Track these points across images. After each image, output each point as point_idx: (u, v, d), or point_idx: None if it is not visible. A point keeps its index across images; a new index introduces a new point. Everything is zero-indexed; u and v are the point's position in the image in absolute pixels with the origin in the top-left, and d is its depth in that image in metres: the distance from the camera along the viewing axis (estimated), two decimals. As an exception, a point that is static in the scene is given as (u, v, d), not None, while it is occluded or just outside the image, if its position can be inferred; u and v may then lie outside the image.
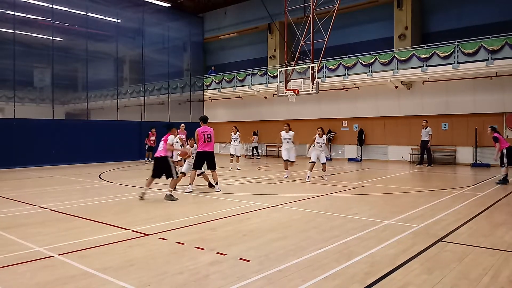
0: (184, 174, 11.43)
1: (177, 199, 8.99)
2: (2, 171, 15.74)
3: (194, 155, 11.77)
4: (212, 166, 10.09)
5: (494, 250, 5.02)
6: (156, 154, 9.21)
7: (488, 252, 4.95)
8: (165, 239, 5.63)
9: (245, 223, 6.66)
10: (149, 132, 19.90)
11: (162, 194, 10.05)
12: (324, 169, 12.55)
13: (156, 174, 9.08)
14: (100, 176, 14.19)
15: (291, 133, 12.86)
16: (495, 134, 11.62)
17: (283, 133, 12.93)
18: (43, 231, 6.15)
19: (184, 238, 5.62)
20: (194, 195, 9.80)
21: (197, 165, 10.06)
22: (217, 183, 10.20)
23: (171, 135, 9.22)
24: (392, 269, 4.30)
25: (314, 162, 12.33)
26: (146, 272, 4.27)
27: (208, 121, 10.51)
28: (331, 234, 5.81)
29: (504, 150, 11.45)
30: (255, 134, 24.07)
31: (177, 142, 11.11)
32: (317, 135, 12.29)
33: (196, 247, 5.16)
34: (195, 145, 11.22)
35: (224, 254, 4.85)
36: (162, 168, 9.02)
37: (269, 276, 4.13)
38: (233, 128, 16.78)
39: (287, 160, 12.87)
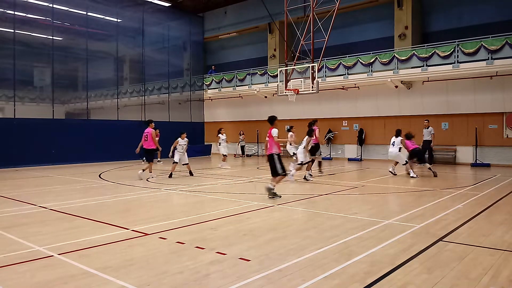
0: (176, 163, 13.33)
1: (280, 196, 8.93)
2: (2, 171, 15.73)
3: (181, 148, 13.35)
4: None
5: (494, 249, 5.02)
6: (267, 152, 9.15)
7: (488, 251, 4.95)
8: (165, 238, 5.63)
9: (245, 223, 6.66)
10: None
11: (162, 193, 10.07)
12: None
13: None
14: (100, 175, 14.19)
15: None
16: (405, 139, 13.39)
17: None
18: (43, 231, 6.16)
19: (184, 238, 5.62)
20: (194, 194, 9.81)
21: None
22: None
23: (274, 129, 9.06)
24: (392, 269, 4.30)
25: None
26: (146, 272, 4.27)
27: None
28: (331, 234, 5.81)
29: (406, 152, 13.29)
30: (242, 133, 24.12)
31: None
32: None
33: (196, 247, 5.16)
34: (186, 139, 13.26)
35: (224, 254, 4.85)
36: (270, 165, 9.12)
37: (269, 275, 4.14)
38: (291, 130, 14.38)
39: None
